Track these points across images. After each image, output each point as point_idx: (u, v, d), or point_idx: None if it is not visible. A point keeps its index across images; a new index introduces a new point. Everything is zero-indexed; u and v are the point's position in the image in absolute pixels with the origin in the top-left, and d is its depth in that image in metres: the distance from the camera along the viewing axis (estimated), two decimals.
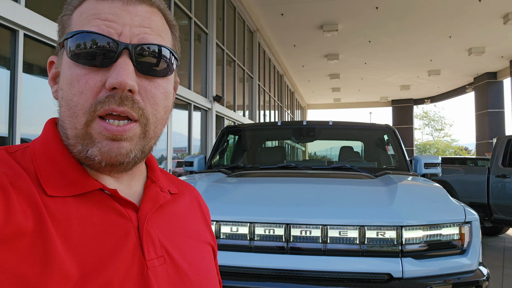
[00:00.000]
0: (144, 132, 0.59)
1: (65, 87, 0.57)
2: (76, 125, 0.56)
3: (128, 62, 0.56)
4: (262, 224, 2.18)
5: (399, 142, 3.66)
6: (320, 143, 12.85)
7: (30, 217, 0.50)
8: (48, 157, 0.59)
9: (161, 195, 0.67)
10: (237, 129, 4.46)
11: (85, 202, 0.57)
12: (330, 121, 3.88)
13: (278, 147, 5.01)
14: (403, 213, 2.13)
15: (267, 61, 16.35)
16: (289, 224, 2.15)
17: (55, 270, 0.48)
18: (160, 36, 0.61)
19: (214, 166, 3.79)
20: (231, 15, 11.55)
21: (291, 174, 3.06)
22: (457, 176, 7.31)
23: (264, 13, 12.58)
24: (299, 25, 13.11)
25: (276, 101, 18.78)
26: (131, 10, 0.58)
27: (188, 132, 8.67)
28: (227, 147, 4.20)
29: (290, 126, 4.33)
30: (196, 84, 9.01)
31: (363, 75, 20.58)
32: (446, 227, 2.13)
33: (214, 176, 3.02)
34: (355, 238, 2.09)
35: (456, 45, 15.31)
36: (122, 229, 0.58)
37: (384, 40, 14.67)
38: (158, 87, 0.60)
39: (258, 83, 14.50)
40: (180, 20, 8.28)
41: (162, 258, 0.60)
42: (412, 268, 2.02)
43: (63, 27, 0.61)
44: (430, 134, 41.53)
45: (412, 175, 3.09)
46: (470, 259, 2.13)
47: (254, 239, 2.18)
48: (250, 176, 3.06)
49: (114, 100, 0.55)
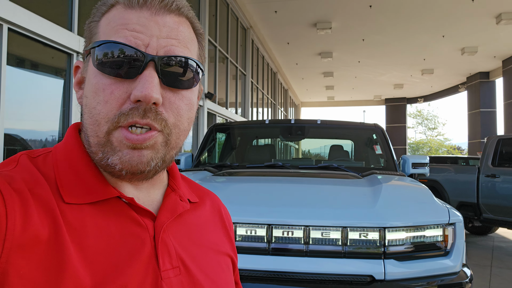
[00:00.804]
0: (166, 141, 0.59)
1: (89, 95, 0.57)
2: (98, 133, 0.56)
3: (154, 74, 0.56)
4: (244, 225, 2.15)
5: (387, 141, 3.64)
6: (314, 141, 12.84)
7: (46, 225, 0.50)
8: (68, 163, 0.59)
9: (180, 204, 0.66)
10: (225, 127, 4.42)
11: (101, 210, 0.57)
12: (318, 120, 3.85)
13: (267, 145, 4.98)
14: (386, 214, 2.11)
15: (261, 58, 16.29)
16: (271, 225, 2.12)
17: (68, 278, 0.48)
18: (186, 47, 0.60)
19: (201, 164, 3.75)
20: (224, 12, 11.48)
21: (277, 173, 3.03)
22: (448, 176, 7.34)
23: (257, 10, 12.53)
24: (292, 22, 13.07)
25: (270, 98, 18.75)
26: (159, 20, 0.58)
27: None
28: (215, 145, 4.16)
29: (278, 124, 4.30)
30: None
31: (357, 73, 20.60)
32: (430, 228, 2.11)
33: (200, 174, 2.98)
34: (338, 240, 2.06)
35: (449, 45, 15.36)
36: (138, 239, 0.58)
37: (378, 39, 14.68)
38: (183, 98, 0.60)
39: (251, 81, 14.45)
40: None
41: (177, 269, 0.60)
42: (395, 270, 2.00)
43: (90, 33, 0.61)
44: (423, 133, 41.75)
45: (399, 175, 3.07)
46: (454, 260, 2.11)
47: (236, 240, 2.15)
48: (236, 175, 3.03)
49: (138, 113, 0.55)
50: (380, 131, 3.76)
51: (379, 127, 3.83)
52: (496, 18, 12.34)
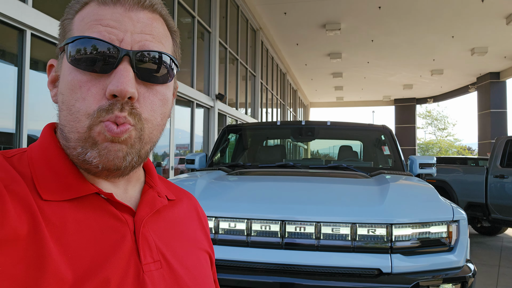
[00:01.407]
0: (139, 136, 0.59)
1: (66, 92, 0.57)
2: (79, 129, 0.56)
3: (129, 68, 0.56)
4: (259, 221, 2.28)
5: (395, 142, 3.75)
6: (323, 142, 12.94)
7: (24, 221, 0.50)
8: (44, 161, 0.59)
9: (158, 200, 0.67)
10: (237, 128, 4.56)
11: (80, 206, 0.56)
12: (328, 121, 3.97)
13: (278, 146, 5.12)
14: (393, 211, 2.23)
15: (270, 59, 16.41)
16: (285, 221, 2.25)
17: (49, 273, 0.48)
18: (161, 43, 0.61)
19: (215, 164, 3.89)
20: (234, 13, 11.62)
21: (288, 172, 3.16)
22: (456, 176, 7.38)
23: (267, 12, 12.65)
24: (302, 24, 13.17)
25: (279, 99, 18.86)
26: (133, 16, 0.58)
27: (191, 130, 8.77)
28: (227, 146, 4.31)
29: (289, 126, 4.43)
30: (199, 82, 9.11)
31: (366, 74, 20.62)
32: (435, 225, 2.23)
33: (215, 173, 3.12)
34: (347, 235, 2.19)
35: (459, 45, 15.34)
36: (118, 233, 0.58)
37: (387, 40, 14.71)
38: (157, 93, 0.60)
39: (260, 81, 14.58)
40: (183, 19, 8.38)
41: (158, 262, 0.60)
42: (401, 264, 2.12)
43: (64, 31, 0.61)
44: (433, 133, 41.53)
45: (406, 175, 3.18)
46: (457, 256, 2.22)
47: (251, 234, 2.29)
48: (249, 174, 3.16)
49: (116, 107, 0.55)
50: (388, 132, 3.87)
51: (388, 128, 3.95)
52: (506, 18, 12.32)
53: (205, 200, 2.49)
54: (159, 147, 6.97)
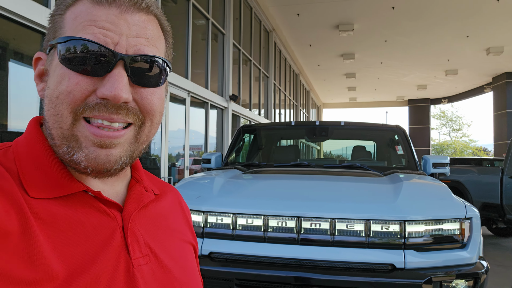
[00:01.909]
0: (136, 135, 0.59)
1: (52, 85, 0.56)
2: (62, 124, 0.55)
3: (123, 73, 0.55)
4: (275, 217, 2.35)
5: (408, 142, 3.79)
6: (336, 142, 12.96)
7: (14, 218, 0.49)
8: (31, 157, 0.58)
9: (146, 195, 0.67)
10: (252, 128, 4.65)
11: (69, 203, 0.56)
12: (342, 122, 4.03)
13: (292, 145, 5.19)
14: (406, 208, 2.28)
15: (283, 60, 16.47)
16: (300, 217, 2.32)
17: (40, 269, 0.48)
18: (155, 46, 0.60)
19: (230, 164, 3.97)
20: (248, 15, 11.71)
21: (303, 171, 3.23)
22: (471, 177, 7.35)
23: (280, 13, 12.72)
24: (315, 25, 13.20)
25: (292, 100, 18.90)
26: (128, 18, 0.57)
27: (205, 130, 8.88)
28: (243, 146, 4.39)
29: (303, 126, 4.50)
30: (213, 83, 9.22)
31: (379, 74, 20.53)
32: (448, 222, 2.27)
33: (231, 172, 3.20)
34: (361, 231, 2.25)
35: (473, 45, 15.18)
36: (108, 229, 0.58)
37: (400, 40, 14.65)
38: (154, 93, 0.61)
39: (273, 82, 14.64)
40: (198, 21, 8.49)
41: (147, 257, 0.61)
42: (414, 260, 2.17)
43: (54, 27, 0.59)
44: (448, 134, 41.08)
45: (419, 174, 3.22)
46: (470, 252, 2.26)
47: (268, 230, 2.36)
48: (264, 173, 3.24)
49: (106, 109, 0.54)
50: (402, 132, 3.92)
51: (401, 128, 3.99)
52: None
53: (223, 197, 2.58)
54: (173, 148, 7.08)
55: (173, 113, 6.99)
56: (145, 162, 6.38)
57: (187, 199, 2.57)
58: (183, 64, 7.56)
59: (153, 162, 6.45)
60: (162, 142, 6.35)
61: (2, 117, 3.72)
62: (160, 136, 6.35)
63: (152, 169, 6.43)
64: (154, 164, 6.45)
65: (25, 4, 3.66)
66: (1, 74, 3.74)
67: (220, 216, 2.42)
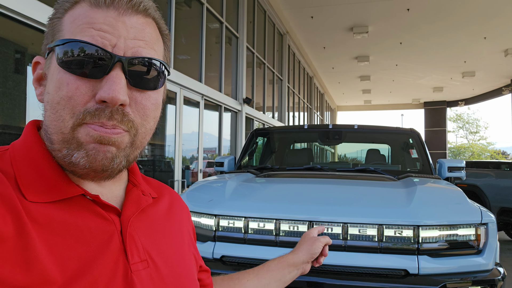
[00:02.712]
0: (132, 142, 0.59)
1: (52, 91, 0.56)
2: (63, 129, 0.55)
3: (121, 75, 0.55)
4: (287, 221, 2.35)
5: (423, 145, 3.74)
6: (350, 145, 12.89)
7: (9, 222, 0.48)
8: (29, 161, 0.57)
9: (143, 199, 0.67)
10: (265, 132, 4.65)
11: (67, 207, 0.56)
12: (356, 125, 4.00)
13: (305, 149, 5.17)
14: (420, 213, 2.25)
15: (297, 63, 16.46)
16: (312, 221, 2.31)
17: (36, 275, 0.48)
18: (153, 49, 0.60)
19: (243, 167, 3.98)
20: (261, 18, 11.75)
21: (316, 175, 3.21)
22: (488, 181, 7.21)
23: (294, 16, 12.72)
24: (329, 27, 13.17)
25: (306, 103, 18.85)
26: (126, 21, 0.57)
27: (219, 133, 8.92)
28: (256, 149, 4.39)
29: (316, 129, 4.49)
30: (227, 87, 9.26)
31: (394, 76, 20.35)
32: (463, 227, 2.23)
33: (243, 176, 3.20)
34: (374, 236, 2.23)
35: (491, 47, 14.94)
36: (106, 233, 0.57)
37: (416, 42, 14.50)
38: (149, 98, 0.60)
39: (287, 85, 14.64)
40: (211, 24, 8.55)
41: (145, 262, 0.60)
42: (428, 265, 2.14)
43: (53, 30, 0.59)
44: (465, 137, 40.44)
45: (434, 178, 3.18)
46: (486, 259, 2.22)
47: (280, 234, 2.36)
48: (277, 176, 3.24)
49: (104, 114, 0.54)
50: (416, 136, 3.87)
51: (415, 131, 3.94)
52: None
53: (235, 201, 2.58)
54: (187, 150, 7.13)
55: (187, 116, 7.04)
56: (160, 165, 6.44)
57: (199, 202, 2.59)
58: (197, 68, 7.61)
59: (167, 164, 6.50)
60: (176, 145, 6.40)
61: (20, 121, 3.81)
62: (174, 139, 6.40)
63: (166, 171, 6.48)
64: (168, 166, 6.50)
65: (44, 10, 3.75)
66: (19, 78, 3.83)
67: (232, 220, 2.43)
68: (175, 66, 6.46)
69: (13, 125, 3.78)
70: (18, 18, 3.60)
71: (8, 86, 3.69)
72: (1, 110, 3.61)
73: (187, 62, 7.78)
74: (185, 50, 7.81)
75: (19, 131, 3.78)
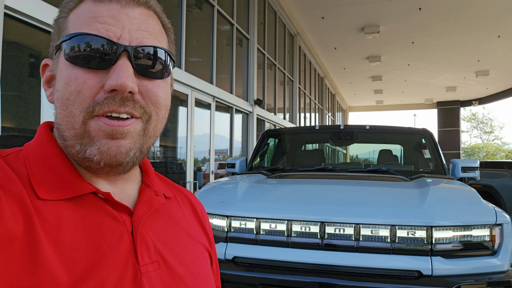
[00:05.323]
0: (144, 129, 0.59)
1: (61, 88, 0.57)
2: (74, 124, 0.56)
3: (128, 64, 0.56)
4: (299, 222, 2.35)
5: (436, 145, 3.70)
6: (362, 146, 12.82)
7: (20, 221, 0.49)
8: (42, 159, 0.58)
9: (156, 199, 0.66)
10: (276, 133, 4.65)
11: (77, 205, 0.56)
12: (367, 125, 3.98)
13: (317, 150, 5.16)
14: (433, 213, 2.23)
15: (308, 64, 16.42)
16: (324, 222, 2.31)
17: (43, 275, 0.47)
18: (157, 39, 0.61)
19: (254, 168, 3.99)
20: (272, 19, 11.75)
21: (328, 176, 3.20)
22: (503, 181, 7.09)
23: (304, 17, 12.70)
24: (339, 28, 13.11)
25: (317, 103, 18.79)
26: (129, 13, 0.58)
27: (230, 135, 8.94)
28: (267, 150, 4.40)
29: (327, 130, 4.47)
30: (238, 88, 9.29)
31: (407, 76, 20.16)
32: (477, 228, 2.21)
33: (255, 177, 3.21)
34: (387, 237, 2.21)
35: (505, 45, 14.71)
36: (115, 233, 0.57)
37: (428, 41, 14.35)
38: (159, 86, 0.61)
39: (298, 86, 14.61)
40: (222, 26, 8.58)
41: (156, 263, 0.59)
42: (442, 267, 2.12)
43: (58, 29, 0.61)
44: (479, 137, 39.87)
45: (447, 179, 3.15)
46: (501, 260, 2.19)
47: (291, 235, 2.36)
48: (288, 177, 3.24)
49: (115, 102, 0.55)
50: (429, 136, 3.83)
51: (428, 131, 3.90)
52: None
53: (246, 202, 2.59)
54: (198, 152, 7.16)
55: (198, 118, 7.08)
56: (172, 167, 6.48)
57: (211, 203, 2.60)
58: (208, 69, 7.65)
59: (179, 166, 6.54)
60: (188, 147, 6.43)
61: (35, 124, 3.87)
62: (185, 140, 6.44)
63: (178, 173, 6.52)
64: (180, 168, 6.54)
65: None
66: (33, 82, 3.90)
67: (244, 221, 2.44)
68: (186, 68, 6.50)
69: (28, 128, 3.85)
70: (33, 23, 3.67)
71: (23, 89, 3.76)
72: (17, 113, 3.68)
73: (198, 64, 7.83)
74: (196, 53, 7.85)
75: (34, 134, 3.83)
